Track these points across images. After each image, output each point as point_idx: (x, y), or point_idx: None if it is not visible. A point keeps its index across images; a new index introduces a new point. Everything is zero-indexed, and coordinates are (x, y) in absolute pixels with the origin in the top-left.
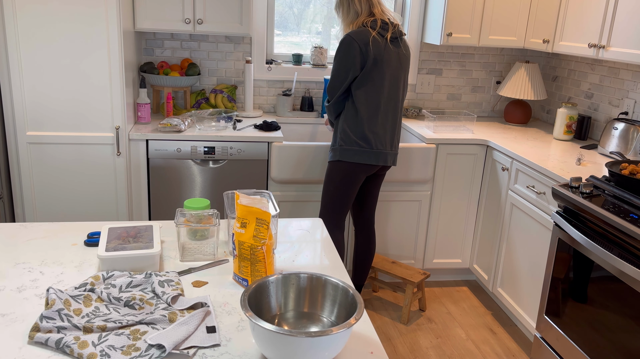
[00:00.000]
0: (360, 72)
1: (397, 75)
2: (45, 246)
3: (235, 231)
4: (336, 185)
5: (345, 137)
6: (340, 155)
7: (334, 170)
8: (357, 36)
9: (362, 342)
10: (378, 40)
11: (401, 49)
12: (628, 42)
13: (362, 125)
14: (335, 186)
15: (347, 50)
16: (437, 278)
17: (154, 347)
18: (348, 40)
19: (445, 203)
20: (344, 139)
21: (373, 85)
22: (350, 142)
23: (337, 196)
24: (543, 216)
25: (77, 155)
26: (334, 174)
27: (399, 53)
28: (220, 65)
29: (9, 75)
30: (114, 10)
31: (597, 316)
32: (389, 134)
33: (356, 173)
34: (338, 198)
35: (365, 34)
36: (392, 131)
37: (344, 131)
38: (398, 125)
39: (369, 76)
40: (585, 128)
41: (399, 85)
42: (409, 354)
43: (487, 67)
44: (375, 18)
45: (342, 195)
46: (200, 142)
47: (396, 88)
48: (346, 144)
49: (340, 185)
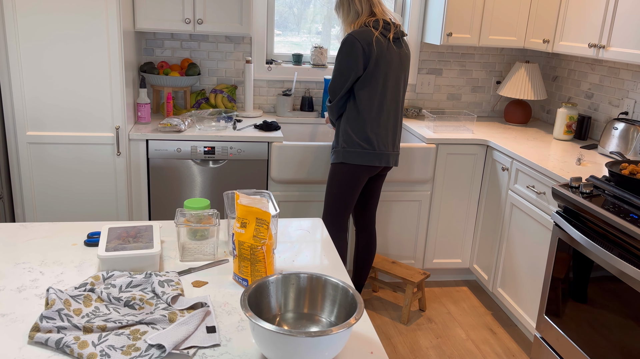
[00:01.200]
0: (363, 72)
1: (398, 75)
2: (45, 246)
3: (235, 231)
4: (339, 187)
5: (347, 138)
6: (343, 157)
7: (337, 172)
8: (359, 36)
9: (362, 342)
10: (381, 40)
11: (403, 49)
12: (628, 42)
13: (364, 127)
14: (338, 188)
15: (349, 50)
16: (437, 278)
17: (154, 347)
18: (350, 39)
19: (445, 203)
20: (347, 141)
21: (375, 86)
22: (353, 143)
23: (340, 198)
24: (543, 216)
25: (77, 155)
26: (337, 176)
27: (400, 53)
28: (220, 65)
29: (9, 75)
30: (114, 10)
31: (597, 316)
32: (390, 135)
33: (359, 175)
34: (341, 200)
35: (368, 34)
36: (393, 131)
37: (346, 132)
38: (399, 125)
39: (371, 76)
40: (585, 128)
41: (400, 85)
42: (409, 354)
43: (487, 67)
44: (377, 18)
45: (345, 197)
46: (200, 142)
47: (397, 88)
48: (349, 146)
49: (343, 187)
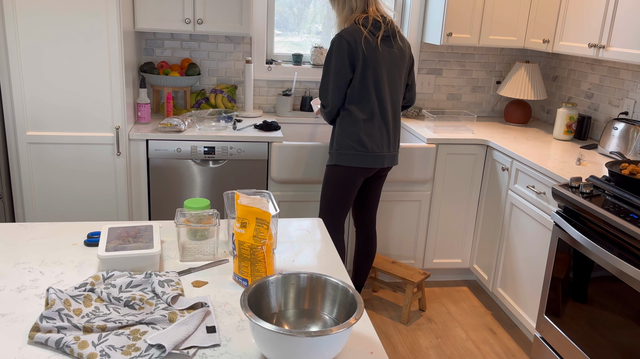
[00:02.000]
0: (352, 73)
1: (392, 74)
2: (45, 246)
3: (235, 231)
4: (334, 189)
5: (340, 140)
6: (337, 159)
7: (331, 174)
8: (347, 35)
9: (362, 342)
10: (369, 39)
11: (394, 48)
12: (628, 42)
13: (357, 128)
14: (333, 190)
15: (336, 50)
16: (437, 278)
17: (154, 347)
18: (337, 39)
19: (445, 203)
20: (340, 143)
21: (366, 87)
22: (346, 146)
23: (335, 200)
24: (543, 216)
25: (77, 155)
26: (331, 178)
27: (391, 52)
28: (220, 65)
29: (9, 75)
30: (114, 10)
31: (597, 316)
32: (386, 136)
33: (353, 177)
34: (336, 202)
35: (356, 33)
36: (390, 132)
37: (339, 135)
38: (397, 125)
39: (361, 77)
40: (585, 128)
41: (396, 84)
42: (409, 354)
43: (487, 67)
44: (367, 15)
45: (340, 199)
46: (200, 142)
47: (394, 87)
48: (342, 148)
49: (337, 189)
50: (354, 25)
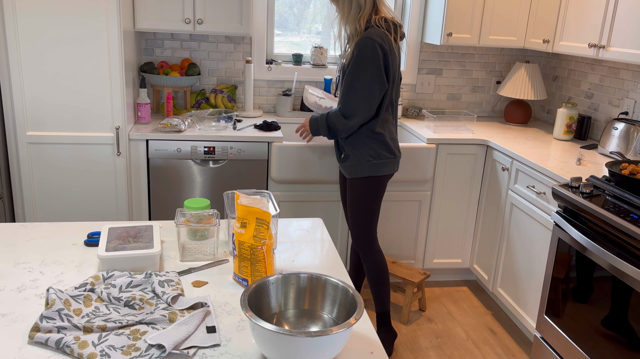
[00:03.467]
0: (388, 84)
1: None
2: (45, 246)
3: (235, 231)
4: (370, 202)
5: (371, 151)
6: (371, 170)
7: (365, 186)
8: (379, 40)
9: (362, 342)
10: (393, 47)
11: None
12: (628, 42)
13: (384, 135)
14: (369, 203)
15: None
16: (437, 278)
17: (154, 347)
18: (371, 45)
19: (445, 203)
20: (371, 154)
21: (390, 94)
22: (379, 155)
23: (371, 212)
24: (543, 216)
25: (77, 155)
26: (365, 191)
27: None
28: (220, 65)
29: (9, 75)
30: (114, 11)
31: (597, 316)
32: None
33: (385, 183)
34: (372, 212)
35: (386, 38)
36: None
37: (369, 145)
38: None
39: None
40: (585, 128)
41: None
42: (409, 354)
43: (487, 67)
44: (382, 16)
45: (376, 209)
46: (200, 142)
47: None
48: (374, 158)
49: (374, 201)
50: (380, 30)
